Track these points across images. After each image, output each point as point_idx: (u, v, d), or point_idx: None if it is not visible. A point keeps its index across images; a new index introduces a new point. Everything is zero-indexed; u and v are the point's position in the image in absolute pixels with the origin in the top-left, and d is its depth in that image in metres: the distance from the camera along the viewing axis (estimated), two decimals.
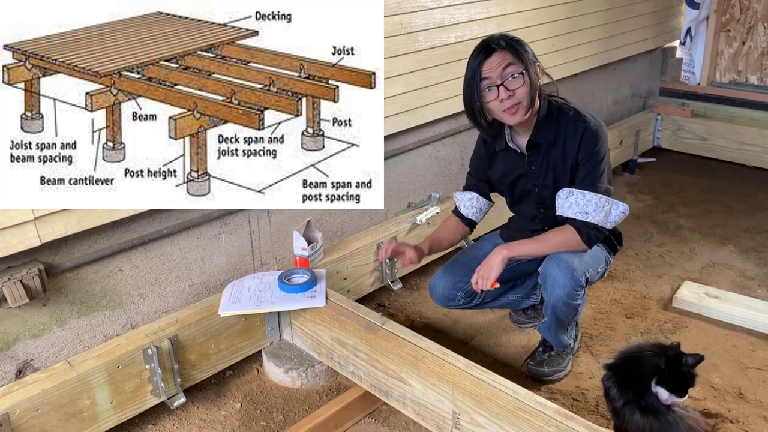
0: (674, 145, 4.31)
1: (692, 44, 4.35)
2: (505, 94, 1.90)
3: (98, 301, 2.06)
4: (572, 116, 2.03)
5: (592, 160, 2.00)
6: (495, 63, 1.90)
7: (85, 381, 1.85)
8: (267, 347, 2.33)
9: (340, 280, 2.50)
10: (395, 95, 2.65)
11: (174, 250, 2.21)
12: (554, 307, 2.09)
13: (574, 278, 2.02)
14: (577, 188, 2.00)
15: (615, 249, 2.26)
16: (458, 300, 2.27)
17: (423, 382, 1.87)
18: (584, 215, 1.99)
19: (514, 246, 2.06)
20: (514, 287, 2.43)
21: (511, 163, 2.15)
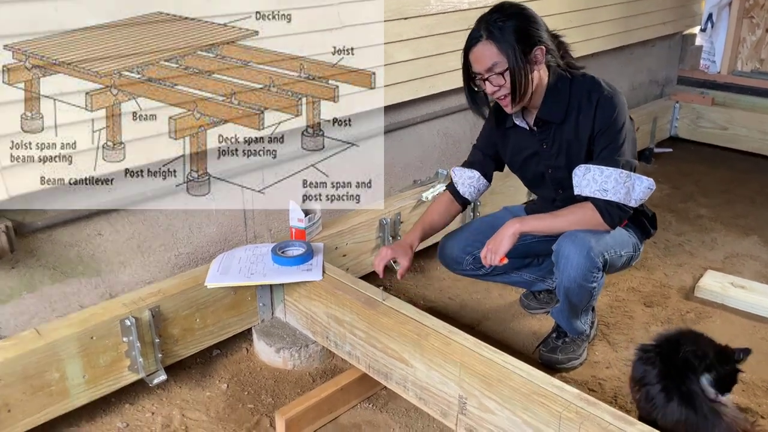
0: (693, 135, 4.12)
1: (713, 31, 4.17)
2: (491, 89, 1.80)
3: (74, 267, 1.89)
4: (587, 86, 1.85)
5: (610, 130, 1.82)
6: (479, 56, 1.78)
7: (54, 351, 1.68)
8: (258, 325, 2.15)
9: (338, 257, 2.33)
10: (403, 61, 2.47)
11: (159, 216, 2.03)
12: (566, 289, 1.90)
13: (590, 258, 1.83)
14: (594, 164, 1.82)
15: (648, 233, 2.08)
16: (466, 265, 2.12)
17: (427, 362, 1.69)
18: (603, 193, 1.80)
19: (528, 220, 1.89)
20: (529, 266, 2.26)
21: (523, 141, 1.99)
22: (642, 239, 2.06)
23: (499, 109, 1.94)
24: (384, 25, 2.34)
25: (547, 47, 1.80)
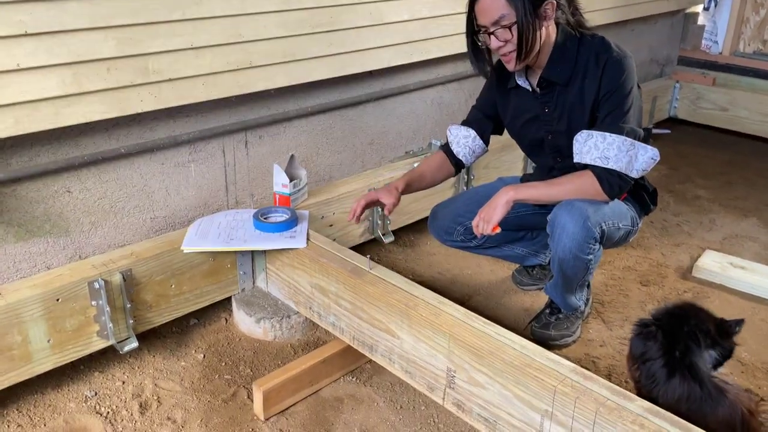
0: (692, 116, 4.03)
1: (716, 10, 4.07)
2: (496, 44, 1.68)
3: (40, 226, 1.77)
4: (596, 46, 1.74)
5: (616, 94, 1.71)
6: (485, 8, 1.66)
7: (15, 312, 1.57)
8: (238, 294, 2.05)
9: (324, 227, 2.22)
10: (397, 22, 2.35)
11: (134, 175, 1.92)
12: (561, 261, 1.80)
13: (586, 228, 1.73)
14: (597, 130, 1.72)
15: (647, 208, 1.98)
16: (456, 235, 2.02)
17: (414, 334, 1.60)
18: (605, 161, 1.70)
19: (522, 188, 1.78)
20: (522, 239, 2.16)
21: (524, 104, 1.87)
22: (641, 215, 1.96)
23: (501, 67, 1.82)
24: None
25: (558, 2, 1.69)
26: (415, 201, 2.55)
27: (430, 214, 2.07)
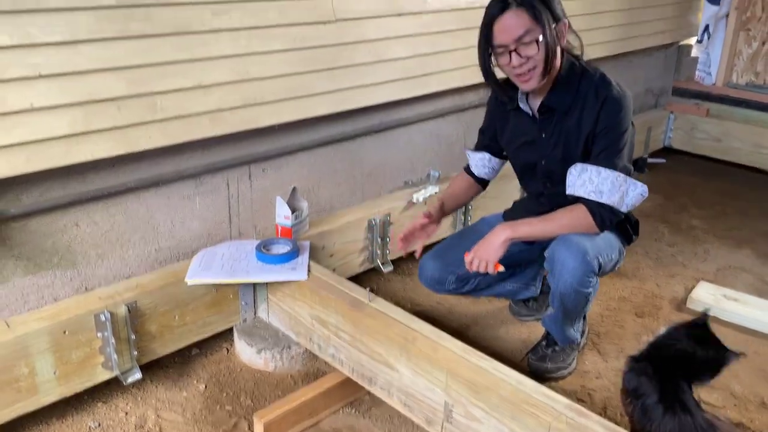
0: (687, 146, 4.09)
1: (710, 42, 4.14)
2: (518, 61, 1.68)
3: (49, 258, 1.81)
4: (596, 81, 1.79)
5: (612, 132, 1.77)
6: (508, 25, 1.66)
7: (23, 345, 1.61)
8: (239, 324, 2.08)
9: (325, 257, 2.27)
10: (397, 59, 2.41)
11: (140, 208, 1.96)
12: (562, 295, 1.85)
13: (586, 263, 1.78)
14: (591, 164, 1.77)
15: (630, 239, 2.03)
16: (449, 284, 2.04)
17: (413, 367, 1.63)
18: (598, 195, 1.75)
19: (518, 225, 1.83)
20: (512, 275, 2.19)
21: (522, 127, 1.93)
22: (624, 244, 2.01)
23: (503, 89, 1.87)
24: (378, 21, 2.30)
25: (568, 25, 1.74)
26: None
27: (419, 266, 2.08)
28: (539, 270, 2.23)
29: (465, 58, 2.68)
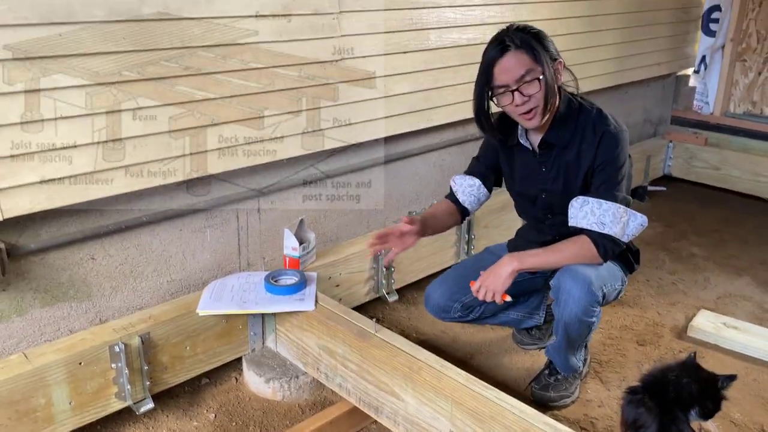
0: (686, 174, 4.16)
1: (707, 73, 4.24)
2: (521, 100, 1.76)
3: (65, 291, 1.87)
4: (593, 117, 1.86)
5: (611, 165, 1.84)
6: (509, 66, 1.74)
7: (41, 376, 1.66)
8: (248, 354, 2.13)
9: (331, 287, 2.32)
10: (401, 94, 2.49)
11: (153, 241, 2.03)
12: (567, 324, 1.89)
13: (591, 293, 1.83)
14: (592, 197, 1.84)
15: (632, 268, 2.08)
16: (454, 312, 2.09)
17: (418, 397, 1.68)
18: (600, 226, 1.81)
19: (525, 256, 1.88)
20: (516, 304, 2.24)
21: (523, 161, 1.99)
22: (626, 273, 2.06)
23: (503, 125, 1.94)
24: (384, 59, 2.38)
25: (563, 64, 1.82)
26: (418, 260, 2.66)
27: (425, 295, 2.13)
28: (543, 299, 2.28)
29: (467, 92, 2.74)
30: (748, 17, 4.07)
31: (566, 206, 1.92)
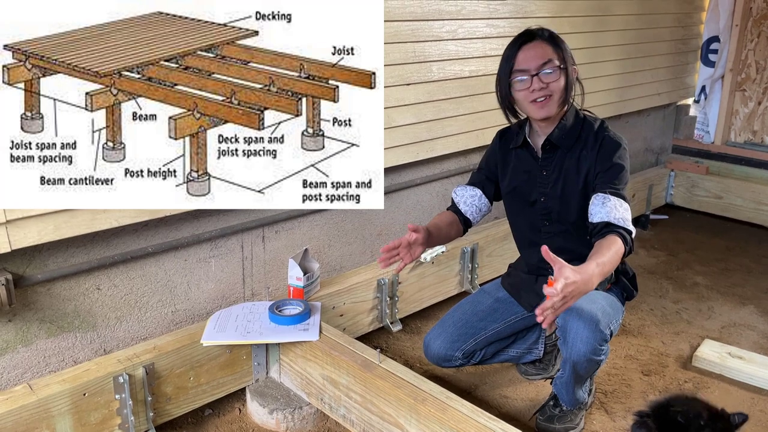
0: (688, 203, 4.17)
1: (707, 102, 4.28)
2: (538, 85, 1.82)
3: (70, 321, 1.88)
4: (596, 128, 1.93)
5: (615, 167, 1.86)
6: (533, 53, 1.82)
7: (45, 407, 1.66)
8: (252, 384, 2.12)
9: (335, 317, 2.32)
10: (405, 125, 2.53)
11: (158, 271, 2.04)
12: (575, 363, 1.88)
13: (599, 331, 1.82)
14: (610, 194, 1.82)
15: (631, 294, 2.09)
16: (455, 360, 2.09)
17: (423, 428, 1.67)
18: (625, 222, 1.80)
19: (594, 277, 1.58)
20: (513, 342, 2.23)
21: (523, 165, 2.02)
22: (623, 302, 2.07)
23: (505, 131, 1.99)
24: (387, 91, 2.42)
25: (578, 72, 1.89)
26: (421, 290, 2.67)
27: (424, 344, 2.11)
28: (540, 333, 2.27)
29: (468, 123, 2.81)
30: (746, 48, 4.13)
31: (564, 215, 1.95)
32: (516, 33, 1.87)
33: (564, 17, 3.14)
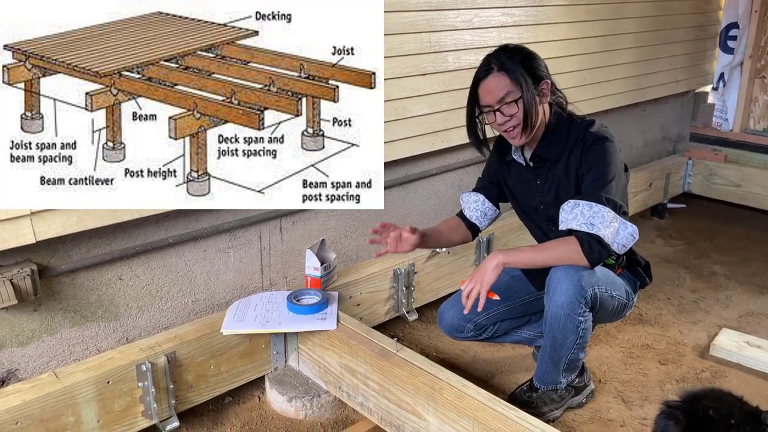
0: (706, 191, 4.14)
1: (725, 90, 4.23)
2: (501, 119, 1.84)
3: (94, 311, 1.92)
4: (582, 129, 1.91)
5: (597, 167, 1.85)
6: (490, 87, 1.83)
7: (71, 395, 1.70)
8: (271, 373, 2.16)
9: (352, 306, 2.35)
10: (420, 115, 2.54)
11: (179, 262, 2.07)
12: (553, 317, 1.87)
13: (579, 286, 1.81)
14: (583, 199, 1.83)
15: (643, 282, 2.08)
16: (467, 332, 2.13)
17: (440, 416, 1.69)
18: (589, 227, 1.79)
19: (511, 252, 1.88)
20: (527, 323, 2.26)
21: (520, 175, 2.05)
22: (636, 289, 2.06)
23: (501, 142, 1.99)
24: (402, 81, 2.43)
25: (552, 83, 1.87)
26: (437, 279, 2.68)
27: (438, 314, 2.17)
28: None
29: None
30: (766, 34, 4.06)
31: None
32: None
33: (580, 5, 3.12)
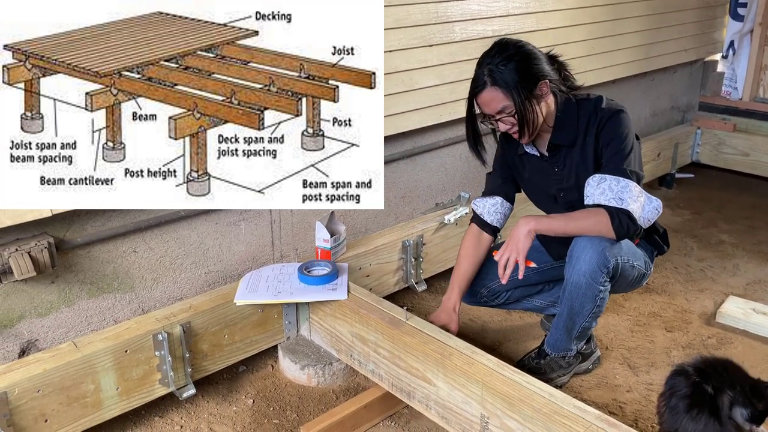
0: (714, 161, 4.13)
1: (735, 58, 4.20)
2: (504, 127, 1.88)
3: (109, 283, 1.96)
4: (592, 107, 1.91)
5: (615, 141, 1.86)
6: (486, 101, 1.85)
7: (90, 363, 1.75)
8: (283, 342, 2.20)
9: (362, 277, 2.38)
10: (427, 87, 2.54)
11: (191, 234, 2.11)
12: (574, 286, 1.89)
13: (603, 256, 1.84)
14: (609, 174, 1.84)
15: (661, 249, 2.10)
16: (480, 297, 2.17)
17: (449, 382, 1.73)
18: (619, 201, 1.80)
19: (542, 219, 1.90)
20: (540, 292, 2.29)
21: (534, 166, 2.04)
22: (652, 258, 2.08)
23: (506, 136, 1.99)
24: (410, 52, 2.43)
25: (550, 79, 1.85)
26: (445, 251, 2.70)
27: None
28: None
29: None
30: None
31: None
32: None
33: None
